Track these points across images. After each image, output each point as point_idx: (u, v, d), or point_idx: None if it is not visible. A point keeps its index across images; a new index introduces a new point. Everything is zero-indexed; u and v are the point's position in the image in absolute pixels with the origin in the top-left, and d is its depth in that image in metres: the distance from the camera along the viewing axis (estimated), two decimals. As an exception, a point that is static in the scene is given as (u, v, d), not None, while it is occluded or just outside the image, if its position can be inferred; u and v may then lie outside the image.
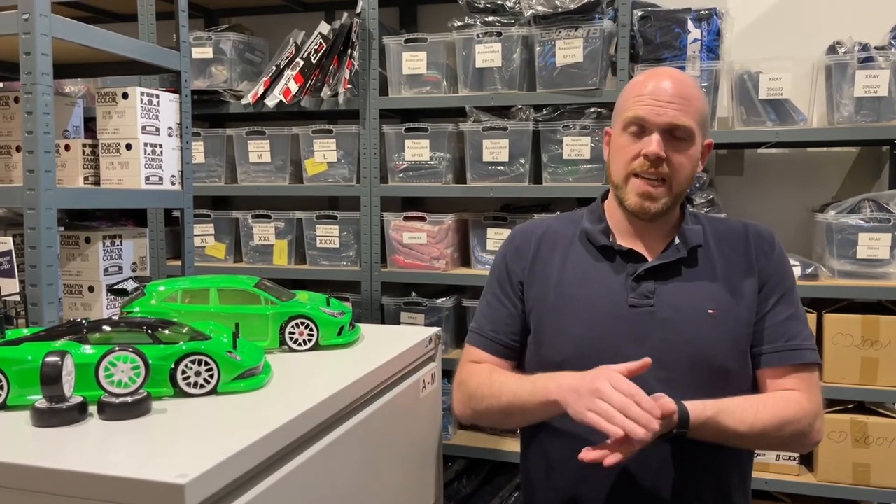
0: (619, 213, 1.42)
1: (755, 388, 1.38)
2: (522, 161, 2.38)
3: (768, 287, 1.37)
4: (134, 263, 1.70)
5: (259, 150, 2.65)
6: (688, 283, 1.36)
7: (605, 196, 1.49)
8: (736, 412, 1.25)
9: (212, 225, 2.73)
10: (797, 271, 2.18)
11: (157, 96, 1.68)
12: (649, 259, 1.37)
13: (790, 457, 2.24)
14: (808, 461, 2.30)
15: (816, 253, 2.33)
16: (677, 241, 1.38)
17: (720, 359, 1.31)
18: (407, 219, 2.50)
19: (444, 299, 2.49)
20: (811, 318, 2.18)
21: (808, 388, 1.34)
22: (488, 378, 1.36)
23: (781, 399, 1.32)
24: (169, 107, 1.72)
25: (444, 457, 2.55)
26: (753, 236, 1.41)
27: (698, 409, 1.21)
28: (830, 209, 2.22)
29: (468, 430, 2.57)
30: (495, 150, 2.40)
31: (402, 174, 2.50)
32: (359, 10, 2.45)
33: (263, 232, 2.66)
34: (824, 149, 2.53)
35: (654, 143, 1.30)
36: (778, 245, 1.42)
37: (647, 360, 1.19)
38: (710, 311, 1.33)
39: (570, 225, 1.48)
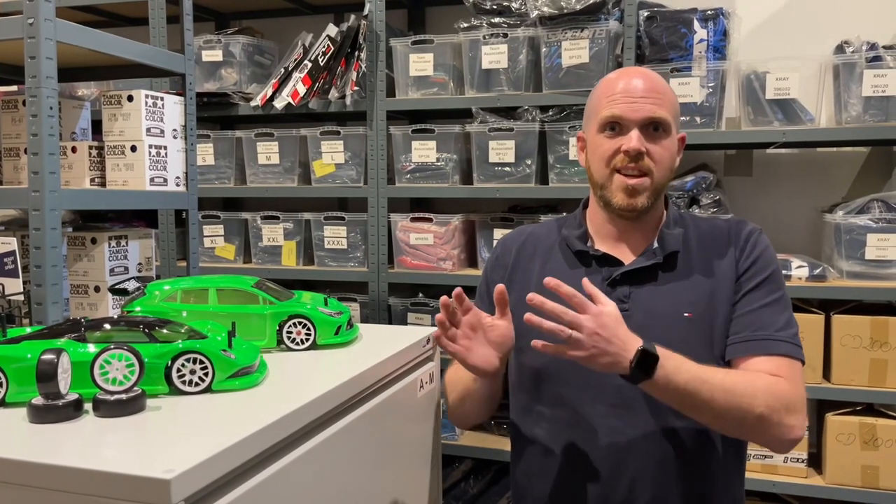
0: (601, 217, 1.41)
1: None
2: (529, 162, 2.39)
3: (742, 279, 1.33)
4: (140, 264, 1.72)
5: (268, 151, 2.67)
6: (664, 286, 1.34)
7: (586, 203, 1.49)
8: (705, 366, 1.20)
9: (221, 226, 2.76)
10: (804, 272, 2.17)
11: (162, 99, 1.70)
12: (625, 263, 1.37)
13: (798, 459, 2.23)
14: (816, 463, 2.28)
15: (825, 254, 2.31)
16: (655, 244, 1.36)
17: (696, 362, 1.27)
18: (414, 220, 2.51)
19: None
20: (818, 319, 2.17)
21: (788, 377, 1.25)
22: (454, 375, 1.47)
23: (758, 373, 1.25)
24: (174, 109, 1.74)
25: (451, 457, 2.57)
26: (734, 235, 1.37)
27: (664, 349, 1.18)
28: (839, 210, 2.20)
29: (475, 430, 2.58)
30: (501, 151, 2.40)
31: (409, 175, 2.51)
32: (366, 12, 2.47)
33: (272, 233, 2.69)
34: (834, 149, 2.51)
35: (634, 139, 1.29)
36: (757, 239, 1.37)
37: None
38: (685, 315, 1.31)
39: (553, 231, 1.48)
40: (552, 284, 1.16)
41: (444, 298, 1.25)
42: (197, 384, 1.04)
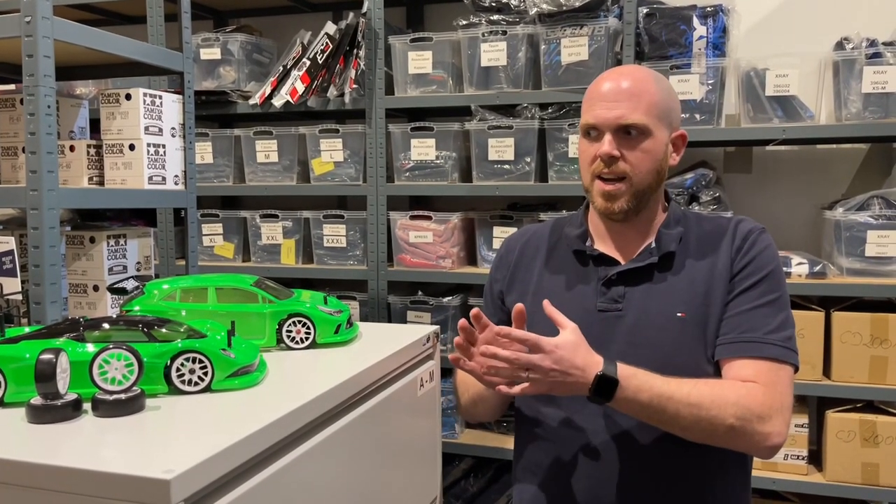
0: (598, 217, 1.42)
1: None
2: (528, 160, 2.38)
3: (736, 279, 1.32)
4: (138, 263, 1.72)
5: (266, 150, 2.67)
6: (659, 286, 1.33)
7: (588, 203, 1.49)
8: (672, 380, 1.20)
9: (220, 225, 2.75)
10: (804, 269, 2.17)
11: (160, 97, 1.70)
12: (622, 263, 1.37)
13: (798, 456, 2.23)
14: (816, 461, 2.28)
15: (825, 251, 2.31)
16: (653, 245, 1.36)
17: (688, 363, 1.27)
18: (413, 218, 2.50)
19: (450, 298, 2.49)
20: (818, 316, 2.16)
21: (768, 382, 1.24)
22: (466, 377, 1.43)
23: (730, 382, 1.25)
24: (172, 107, 1.73)
25: (451, 455, 2.57)
26: (733, 234, 1.36)
27: (628, 367, 1.18)
28: (839, 206, 2.20)
29: (475, 429, 2.58)
30: (501, 148, 2.40)
31: (408, 173, 2.51)
32: (364, 9, 2.46)
33: (271, 231, 2.68)
34: (834, 146, 2.50)
35: (605, 145, 1.31)
36: (756, 238, 1.34)
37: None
38: (678, 315, 1.30)
39: (555, 231, 1.49)
40: (503, 332, 1.18)
41: (462, 322, 1.23)
42: (196, 383, 1.03)
